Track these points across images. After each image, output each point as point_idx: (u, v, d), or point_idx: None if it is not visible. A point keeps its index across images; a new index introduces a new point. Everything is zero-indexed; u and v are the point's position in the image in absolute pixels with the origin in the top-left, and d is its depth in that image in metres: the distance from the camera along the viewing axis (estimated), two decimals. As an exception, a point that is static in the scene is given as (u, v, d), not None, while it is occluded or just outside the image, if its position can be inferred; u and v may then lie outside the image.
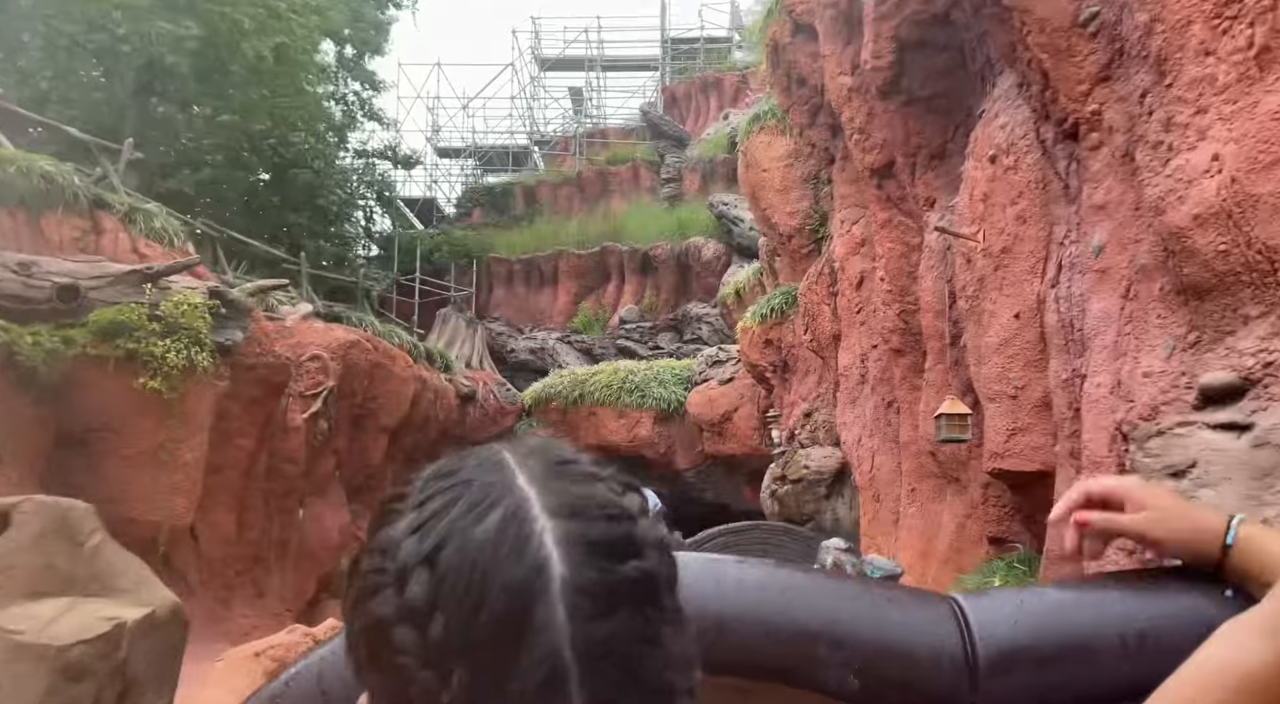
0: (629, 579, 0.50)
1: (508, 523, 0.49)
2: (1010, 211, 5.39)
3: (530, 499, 0.51)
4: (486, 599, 0.47)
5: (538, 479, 0.53)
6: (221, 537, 8.53)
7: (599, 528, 0.51)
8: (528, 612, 0.47)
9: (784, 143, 10.48)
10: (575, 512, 0.51)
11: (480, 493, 0.51)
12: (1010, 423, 5.38)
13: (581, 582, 0.49)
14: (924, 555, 7.48)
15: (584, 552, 0.50)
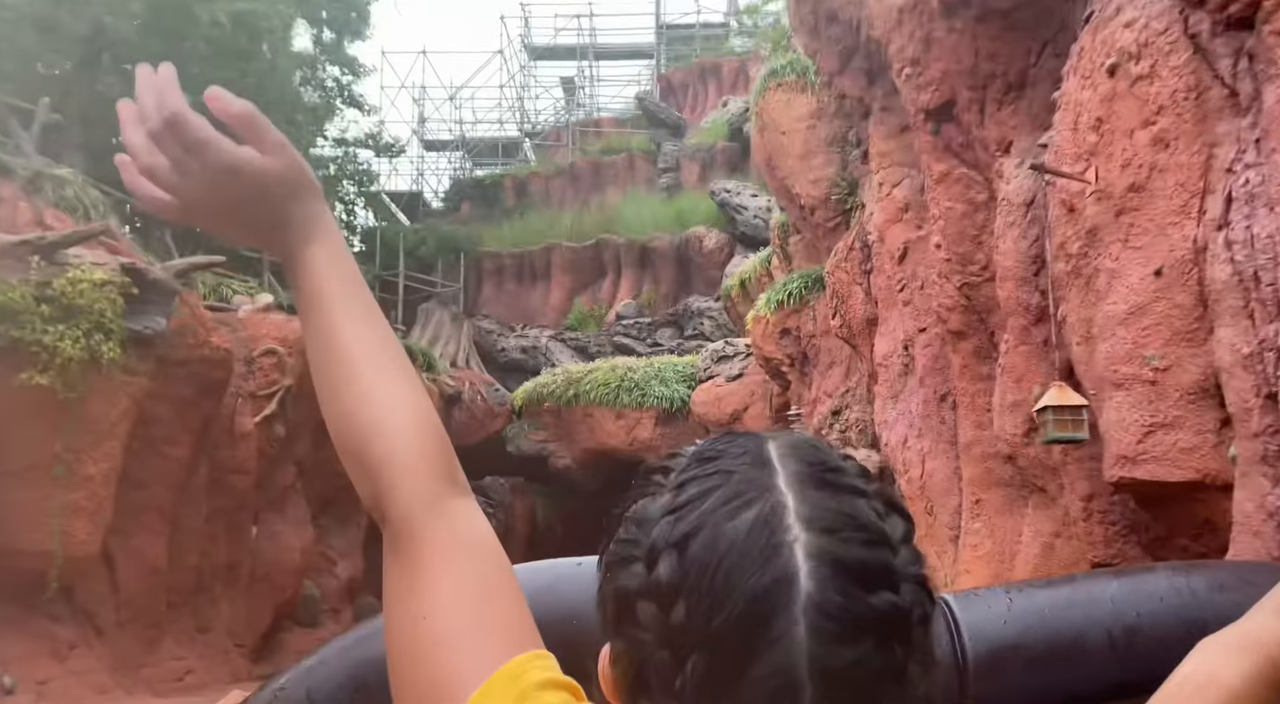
0: (877, 611, 0.50)
1: (761, 526, 0.51)
2: (1142, 136, 4.04)
3: (787, 505, 0.52)
4: (729, 599, 0.50)
5: (798, 484, 0.53)
6: (145, 565, 7.15)
7: (855, 551, 0.51)
8: (767, 622, 0.49)
9: (806, 101, 9.14)
10: (832, 528, 0.51)
11: (738, 487, 0.53)
12: (1146, 417, 4.03)
13: (827, 604, 0.49)
14: (996, 581, 6.11)
15: (835, 573, 0.50)
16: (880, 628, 0.50)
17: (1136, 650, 0.86)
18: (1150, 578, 0.95)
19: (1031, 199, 5.35)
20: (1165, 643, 0.78)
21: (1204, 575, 0.87)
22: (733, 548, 0.50)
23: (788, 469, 0.54)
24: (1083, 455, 5.06)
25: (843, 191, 8.97)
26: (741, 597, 0.49)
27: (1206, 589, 0.85)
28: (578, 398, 15.42)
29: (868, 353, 8.40)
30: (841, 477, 0.54)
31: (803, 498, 0.52)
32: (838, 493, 0.53)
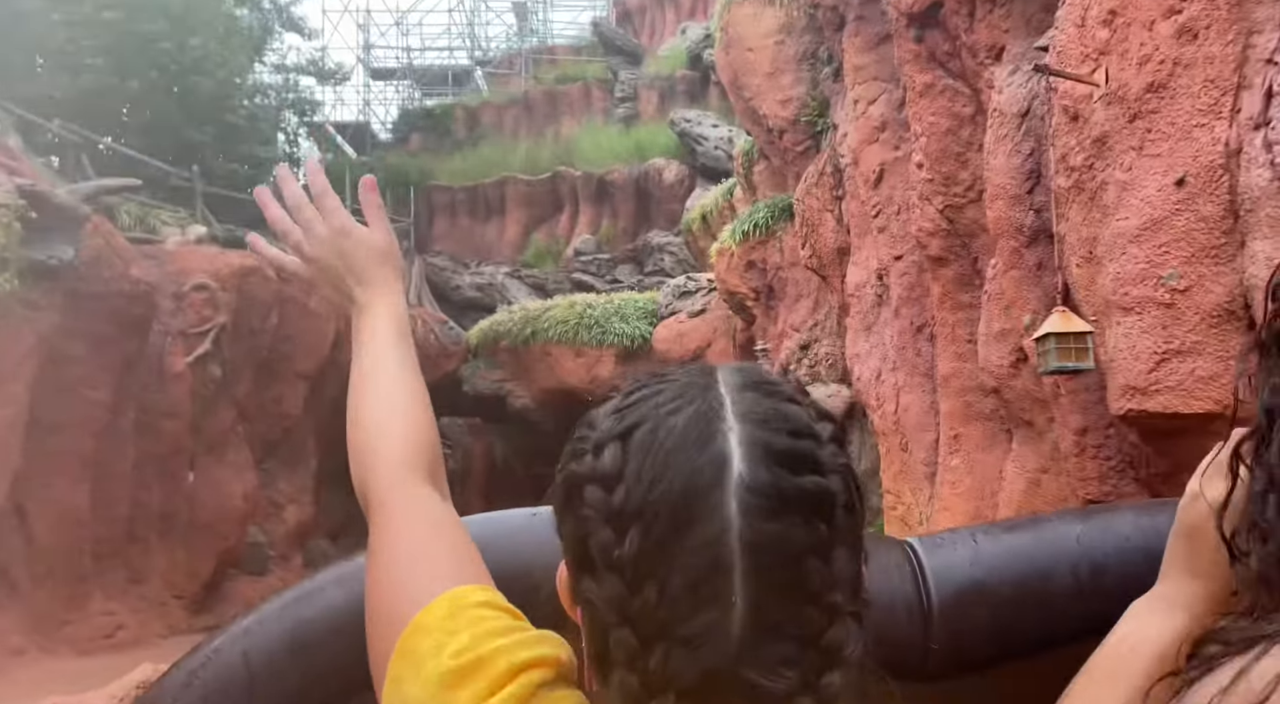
0: (803, 490, 0.56)
1: (699, 418, 0.57)
2: (1164, 28, 3.60)
3: (725, 404, 0.59)
4: (666, 478, 0.56)
5: (736, 388, 0.60)
6: (66, 516, 6.60)
7: (783, 440, 0.57)
8: (701, 497, 0.55)
9: (774, 14, 8.56)
10: (765, 421, 0.58)
11: (680, 390, 0.60)
12: (1161, 343, 3.67)
13: (756, 482, 0.55)
14: (976, 519, 5.84)
15: (764, 455, 0.56)
16: (805, 506, 0.55)
17: (1104, 589, 0.86)
18: (1116, 518, 0.96)
19: (1026, 109, 4.91)
20: (1132, 581, 0.77)
21: (1169, 514, 0.83)
22: (671, 434, 0.57)
23: (728, 378, 0.60)
24: (1077, 387, 4.72)
25: (813, 112, 8.47)
26: (678, 475, 0.55)
27: (1171, 527, 0.81)
28: (535, 336, 14.96)
29: (839, 284, 8.01)
30: (778, 387, 0.61)
31: (740, 398, 0.59)
32: (772, 396, 0.60)
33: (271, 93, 19.43)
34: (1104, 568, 0.90)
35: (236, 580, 9.49)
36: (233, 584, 9.34)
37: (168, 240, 9.24)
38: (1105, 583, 0.89)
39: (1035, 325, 4.51)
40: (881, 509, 7.27)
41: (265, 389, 10.65)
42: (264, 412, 10.62)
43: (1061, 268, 4.49)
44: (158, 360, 7.99)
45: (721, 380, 0.60)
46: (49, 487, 6.56)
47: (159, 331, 7.99)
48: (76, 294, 6.45)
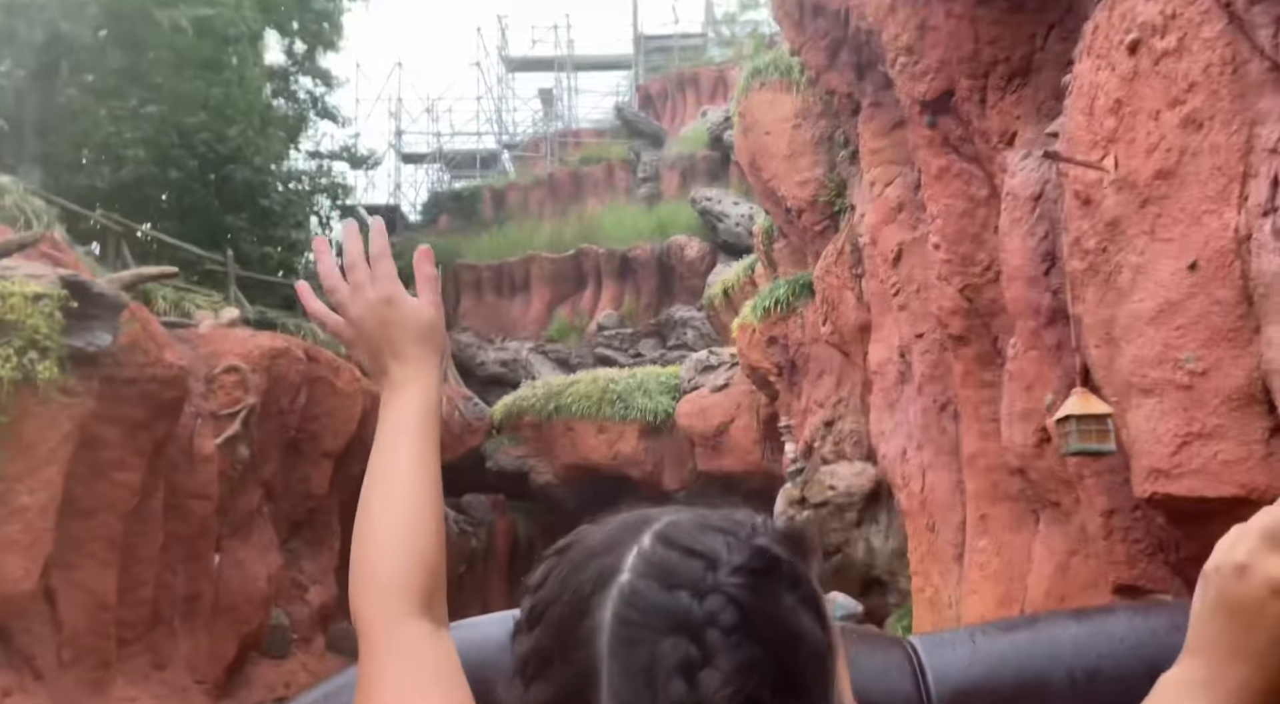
0: (667, 606, 0.56)
1: (619, 532, 0.62)
2: (1170, 118, 3.69)
3: (651, 525, 0.62)
4: (568, 583, 0.60)
5: (675, 514, 0.64)
6: (92, 600, 6.62)
7: (672, 556, 0.58)
8: (584, 601, 0.58)
9: (791, 101, 8.80)
10: (669, 540, 0.60)
11: (620, 519, 0.64)
12: (1182, 425, 3.65)
13: (632, 592, 0.57)
14: (1005, 603, 5.74)
15: (645, 568, 0.58)
16: (666, 623, 0.55)
17: (1098, 691, 0.89)
18: (1110, 619, 0.98)
19: (1039, 193, 5.00)
20: (1126, 683, 0.80)
21: (1163, 615, 0.91)
22: (586, 549, 0.61)
23: (674, 512, 0.63)
24: (1101, 468, 4.68)
25: (831, 193, 8.63)
26: (576, 582, 0.59)
27: (1165, 629, 0.87)
28: (558, 411, 15.00)
29: (861, 361, 8.04)
30: (725, 517, 0.62)
31: (670, 523, 0.61)
32: (705, 524, 0.61)
33: (305, 178, 20.05)
34: (1098, 671, 0.91)
35: (258, 664, 9.42)
36: (255, 668, 9.27)
37: (201, 324, 9.46)
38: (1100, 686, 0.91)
39: (1056, 406, 4.51)
40: (910, 591, 7.14)
41: (291, 469, 10.73)
42: (290, 491, 10.68)
43: (1079, 349, 4.50)
44: (188, 442, 8.11)
45: (665, 512, 0.62)
46: (78, 570, 6.61)
47: (190, 414, 8.13)
48: (112, 379, 6.60)
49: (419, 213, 27.15)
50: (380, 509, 0.83)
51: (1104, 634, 0.94)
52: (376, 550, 0.81)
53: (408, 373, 0.90)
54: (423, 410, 0.88)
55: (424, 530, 0.82)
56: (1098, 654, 0.92)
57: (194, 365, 8.25)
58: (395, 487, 0.84)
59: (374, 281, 0.91)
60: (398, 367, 0.90)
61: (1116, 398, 4.19)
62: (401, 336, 0.91)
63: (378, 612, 0.78)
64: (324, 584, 11.16)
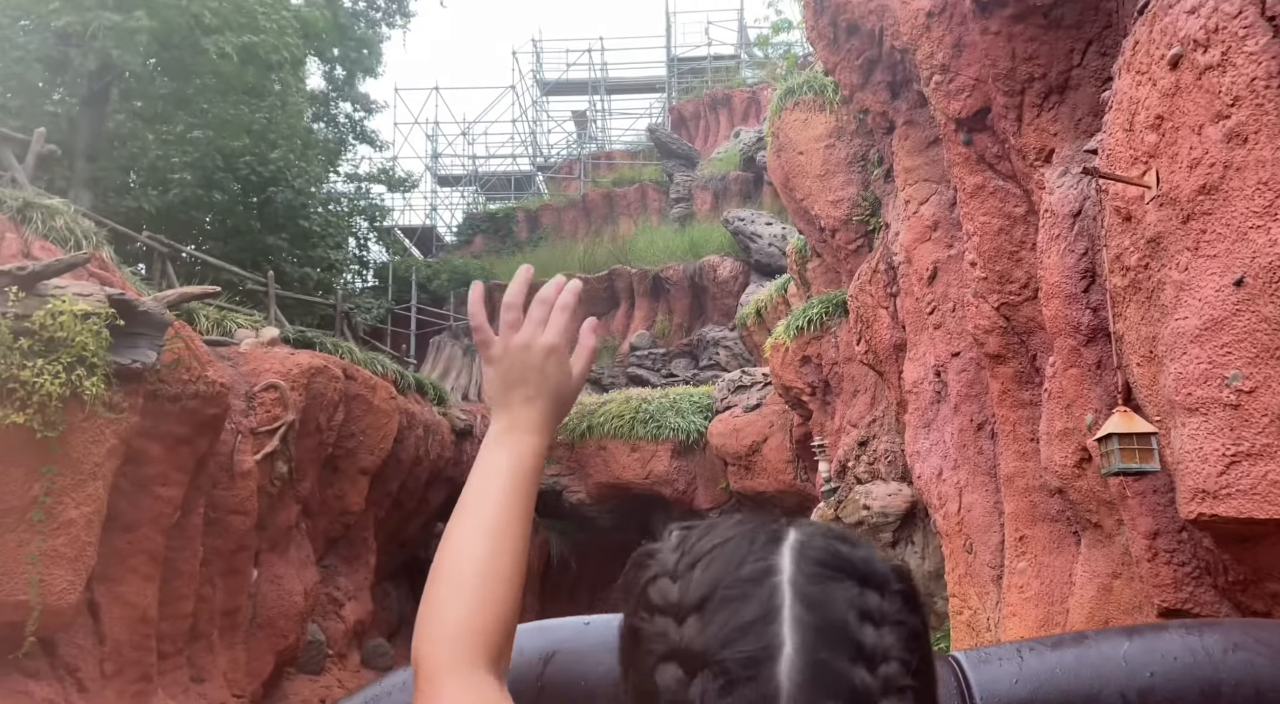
0: (855, 560, 0.62)
1: (756, 536, 0.64)
2: (1213, 132, 3.64)
3: (789, 535, 0.65)
4: (722, 550, 0.62)
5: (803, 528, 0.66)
6: (135, 613, 6.72)
7: (836, 543, 0.63)
8: (756, 556, 0.62)
9: (824, 120, 8.81)
10: (821, 533, 0.65)
11: (748, 531, 0.65)
12: (1229, 445, 3.58)
13: (811, 545, 0.62)
14: (1046, 625, 5.64)
15: (822, 535, 0.64)
16: (857, 573, 0.60)
17: None
18: (1164, 637, 0.95)
19: (1078, 209, 4.95)
20: (1181, 701, 0.76)
21: (1217, 634, 0.87)
22: (726, 546, 0.63)
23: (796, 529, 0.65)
24: (1144, 488, 4.60)
25: (864, 212, 8.61)
26: (734, 555, 0.62)
27: (1220, 649, 0.85)
28: (591, 430, 15.02)
29: (896, 380, 7.97)
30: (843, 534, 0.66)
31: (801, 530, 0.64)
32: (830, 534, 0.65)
33: (344, 200, 20.40)
34: (1151, 690, 0.88)
35: (294, 679, 9.49)
36: (291, 683, 9.33)
37: (242, 342, 9.62)
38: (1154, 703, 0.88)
39: (1097, 425, 4.44)
40: (947, 614, 7.04)
41: (328, 486, 10.84)
42: (326, 508, 10.79)
43: (1121, 367, 4.44)
44: (228, 458, 8.23)
45: (790, 529, 0.65)
46: (121, 584, 6.71)
47: (230, 430, 8.26)
48: (156, 396, 6.73)
49: (454, 234, 27.50)
50: (461, 555, 0.82)
51: (1157, 653, 0.91)
52: (454, 596, 0.78)
53: (532, 421, 0.90)
54: (530, 462, 0.88)
55: (504, 585, 0.80)
56: (1150, 673, 0.89)
57: (235, 383, 8.39)
58: (481, 534, 0.83)
59: (548, 329, 0.93)
60: (525, 411, 0.90)
61: (1160, 417, 4.12)
62: (543, 388, 0.91)
63: (446, 659, 0.75)
64: (359, 600, 11.24)
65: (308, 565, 9.74)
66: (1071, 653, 0.99)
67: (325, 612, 10.52)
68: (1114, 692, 0.91)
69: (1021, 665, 0.97)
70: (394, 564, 13.78)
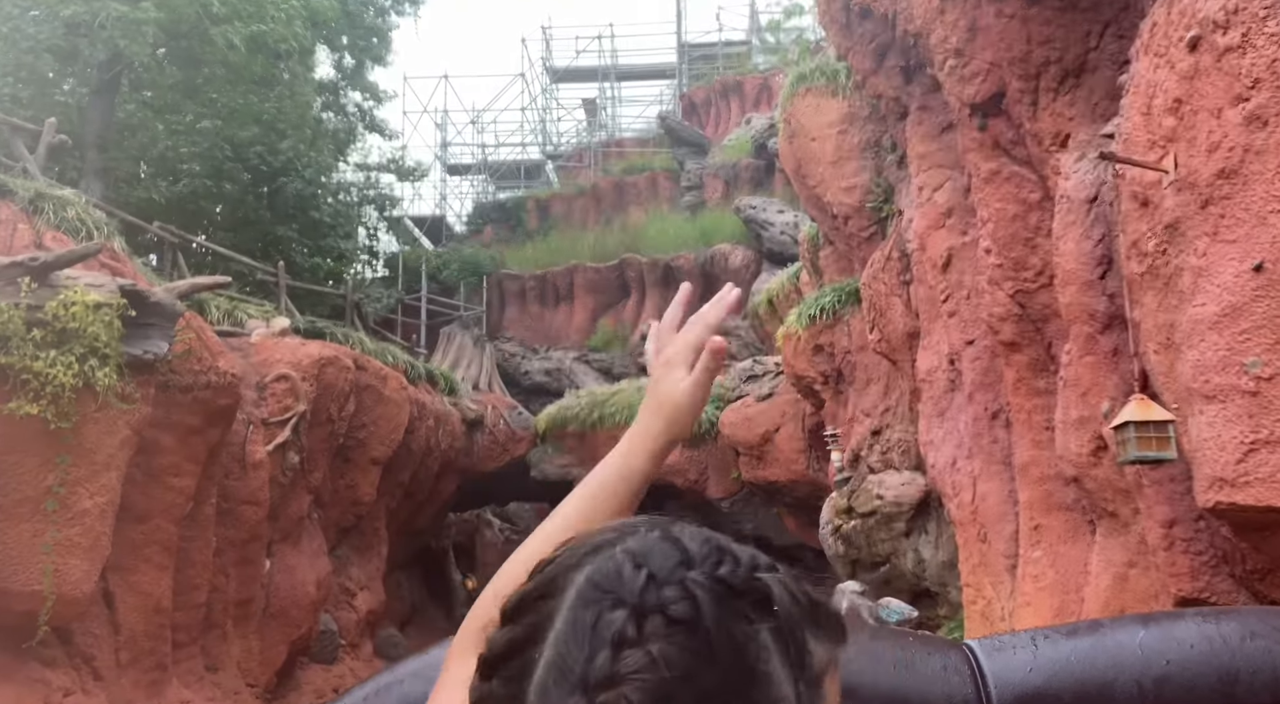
0: (636, 585, 0.58)
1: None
2: (1233, 115, 3.58)
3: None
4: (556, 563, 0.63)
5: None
6: (149, 602, 6.76)
7: (659, 544, 0.60)
8: (575, 566, 0.61)
9: (836, 106, 8.73)
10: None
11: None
12: (1248, 432, 3.53)
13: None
14: (1061, 615, 5.59)
15: (634, 547, 0.60)
16: (624, 597, 0.57)
17: (1166, 700, 0.84)
18: (1180, 625, 0.93)
19: (1095, 195, 4.89)
20: (1197, 693, 0.77)
21: (1235, 622, 0.85)
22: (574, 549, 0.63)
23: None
24: (1161, 477, 4.55)
25: (878, 199, 8.53)
26: (565, 560, 0.61)
27: (1238, 637, 0.83)
28: (602, 420, 15.01)
29: (909, 368, 7.92)
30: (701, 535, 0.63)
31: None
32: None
33: (354, 190, 20.39)
34: (1167, 679, 0.88)
35: (308, 669, 9.54)
36: (304, 673, 9.39)
37: (253, 332, 9.64)
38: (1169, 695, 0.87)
39: (1114, 413, 4.39)
40: (961, 603, 7.00)
41: (340, 476, 10.87)
42: (338, 498, 10.82)
43: (1138, 354, 4.38)
44: (240, 448, 8.25)
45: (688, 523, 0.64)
46: (135, 574, 6.75)
47: (242, 420, 8.28)
48: (168, 386, 6.75)
49: (464, 223, 27.45)
50: (526, 549, 0.85)
51: (1173, 641, 0.90)
52: (499, 582, 0.82)
53: (630, 433, 0.92)
54: (612, 476, 0.90)
55: None
56: (1167, 661, 0.88)
57: (246, 373, 8.41)
58: (540, 538, 0.85)
59: (671, 341, 0.95)
60: (636, 429, 0.92)
61: (1177, 404, 4.07)
62: (649, 402, 0.93)
63: (460, 645, 0.78)
64: (371, 590, 11.29)
65: (320, 555, 9.78)
66: (1087, 641, 0.98)
67: (338, 601, 10.57)
68: (1130, 680, 0.90)
69: (1036, 654, 0.95)
70: (406, 554, 13.84)
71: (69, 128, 12.44)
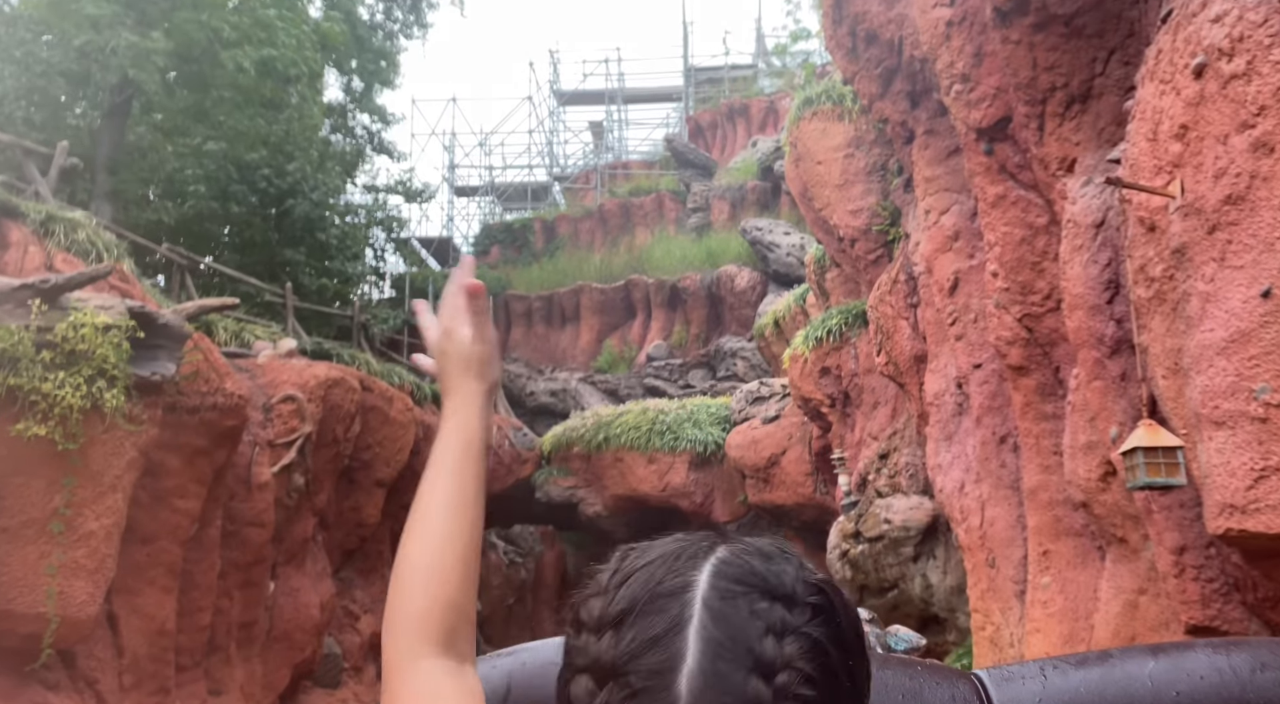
0: (767, 576, 0.65)
1: (679, 555, 0.68)
2: (1239, 142, 3.58)
3: (713, 551, 0.69)
4: (647, 569, 0.67)
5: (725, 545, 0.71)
6: (153, 625, 6.73)
7: (756, 560, 0.67)
8: (675, 573, 0.66)
9: (843, 129, 8.77)
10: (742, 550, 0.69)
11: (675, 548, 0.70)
12: (1258, 459, 3.51)
13: (727, 560, 0.66)
14: (1070, 642, 5.54)
15: (741, 553, 0.68)
16: (766, 589, 0.64)
17: None
18: (1190, 656, 0.93)
19: (1101, 220, 4.89)
20: None
21: (1245, 654, 0.84)
22: (652, 562, 0.67)
23: (720, 544, 0.69)
24: (1170, 503, 4.52)
25: (884, 222, 8.55)
26: (657, 572, 0.66)
27: (1248, 668, 0.83)
28: (608, 442, 14.98)
29: (916, 391, 7.90)
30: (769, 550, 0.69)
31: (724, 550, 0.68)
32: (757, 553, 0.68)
33: (361, 211, 20.50)
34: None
35: (311, 693, 9.48)
36: (307, 696, 9.33)
37: (259, 354, 9.66)
38: None
39: (1122, 438, 4.37)
40: (970, 629, 6.94)
41: (345, 497, 10.85)
42: (343, 520, 10.80)
43: (1146, 379, 4.36)
44: (245, 470, 8.25)
45: (714, 544, 0.69)
46: (139, 596, 6.73)
47: (248, 442, 8.28)
48: (175, 408, 6.76)
49: (470, 244, 27.58)
50: (411, 549, 0.85)
51: (1183, 672, 0.90)
52: (402, 591, 0.83)
53: (454, 404, 0.92)
54: (462, 444, 0.90)
55: (451, 567, 0.84)
56: (1176, 693, 0.88)
57: (253, 394, 8.43)
58: (427, 524, 0.86)
59: (440, 314, 0.96)
60: (447, 398, 0.93)
61: (1186, 430, 4.05)
62: (451, 368, 0.94)
63: (400, 652, 0.79)
64: (375, 613, 11.24)
65: (324, 578, 9.74)
66: (1096, 672, 0.98)
67: (341, 625, 10.52)
68: None
69: (1045, 684, 0.95)
70: (411, 575, 13.77)
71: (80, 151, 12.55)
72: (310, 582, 9.29)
